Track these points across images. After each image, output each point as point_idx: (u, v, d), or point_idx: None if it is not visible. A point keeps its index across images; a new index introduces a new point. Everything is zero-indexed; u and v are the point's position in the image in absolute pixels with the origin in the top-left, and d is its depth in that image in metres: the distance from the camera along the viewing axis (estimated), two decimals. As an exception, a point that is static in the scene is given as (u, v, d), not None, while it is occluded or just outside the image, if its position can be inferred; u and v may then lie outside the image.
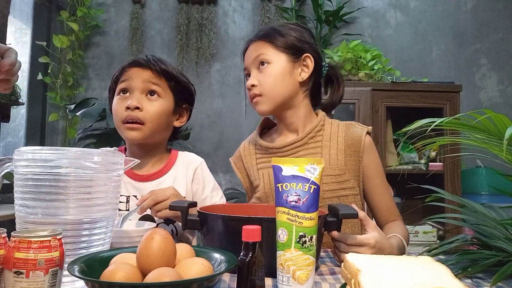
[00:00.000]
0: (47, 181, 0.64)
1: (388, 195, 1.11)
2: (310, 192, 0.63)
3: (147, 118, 1.07)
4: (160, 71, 1.10)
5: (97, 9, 2.82)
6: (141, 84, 1.09)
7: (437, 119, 0.69)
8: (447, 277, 0.54)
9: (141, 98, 1.08)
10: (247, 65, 1.11)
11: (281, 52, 1.07)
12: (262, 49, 1.08)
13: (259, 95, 1.07)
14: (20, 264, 0.52)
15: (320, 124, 1.11)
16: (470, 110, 0.71)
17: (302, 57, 1.09)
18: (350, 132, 1.10)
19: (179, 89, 1.15)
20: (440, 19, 2.86)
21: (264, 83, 1.06)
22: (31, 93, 2.68)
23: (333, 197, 1.05)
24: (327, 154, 1.08)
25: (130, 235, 0.84)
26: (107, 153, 0.70)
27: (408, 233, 1.05)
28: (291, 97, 1.09)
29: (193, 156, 1.25)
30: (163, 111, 1.10)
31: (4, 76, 0.81)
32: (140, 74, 1.09)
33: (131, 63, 1.12)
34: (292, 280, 0.61)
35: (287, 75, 1.07)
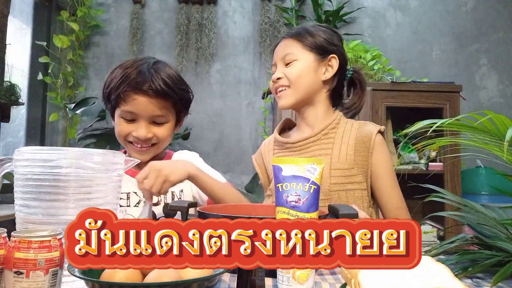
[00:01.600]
0: (47, 181, 0.64)
1: (397, 194, 1.11)
2: (310, 192, 0.63)
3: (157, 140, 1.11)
4: (166, 97, 1.07)
5: (97, 9, 2.83)
6: (148, 116, 1.08)
7: (438, 121, 0.69)
8: (447, 277, 0.54)
9: (149, 126, 1.09)
10: (276, 60, 1.17)
11: (309, 51, 1.13)
12: (291, 48, 1.14)
13: (285, 86, 1.13)
14: (20, 264, 0.52)
15: (334, 122, 1.15)
16: (470, 110, 0.71)
17: (328, 58, 1.15)
18: (362, 130, 1.13)
19: (181, 104, 1.15)
20: (440, 19, 2.86)
21: (289, 75, 1.12)
22: (31, 93, 2.68)
23: (340, 190, 1.08)
24: (337, 149, 1.11)
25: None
26: (107, 153, 0.70)
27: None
28: (313, 93, 1.15)
29: (186, 152, 1.28)
30: (169, 132, 1.13)
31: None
32: (147, 105, 1.06)
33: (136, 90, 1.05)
34: (292, 280, 0.61)
35: (311, 71, 1.13)
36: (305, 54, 1.13)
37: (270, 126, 2.72)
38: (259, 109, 2.80)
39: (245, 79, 2.85)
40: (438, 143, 0.80)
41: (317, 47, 1.14)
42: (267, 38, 2.82)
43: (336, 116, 1.17)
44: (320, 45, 1.14)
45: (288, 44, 1.15)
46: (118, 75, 1.08)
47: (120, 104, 1.08)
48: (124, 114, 1.08)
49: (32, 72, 2.66)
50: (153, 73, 1.06)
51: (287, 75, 1.13)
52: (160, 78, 1.06)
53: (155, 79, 1.05)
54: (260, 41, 2.84)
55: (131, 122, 1.09)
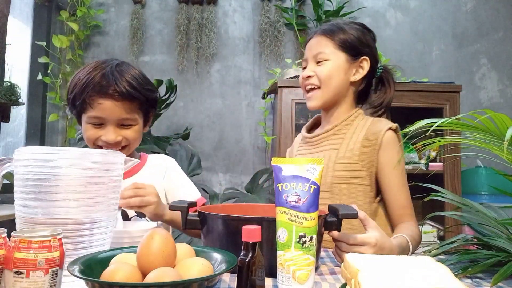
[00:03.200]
0: (47, 181, 0.64)
1: (404, 194, 1.10)
2: (310, 192, 0.63)
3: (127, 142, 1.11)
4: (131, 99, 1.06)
5: (97, 9, 2.83)
6: (115, 120, 1.06)
7: (438, 120, 0.69)
8: (447, 277, 0.54)
9: (117, 130, 1.08)
10: (307, 56, 1.18)
11: (341, 51, 1.14)
12: (323, 47, 1.14)
13: (316, 87, 1.15)
14: (20, 264, 0.52)
15: (350, 119, 1.17)
16: (470, 110, 0.71)
17: (360, 59, 1.15)
18: (373, 127, 1.13)
19: (148, 105, 1.14)
20: (440, 19, 2.86)
21: (320, 74, 1.14)
22: (31, 93, 2.68)
23: (342, 184, 1.09)
24: (345, 145, 1.13)
25: (131, 235, 0.84)
26: (107, 153, 0.70)
27: (420, 236, 1.03)
28: (341, 94, 1.17)
29: (163, 157, 1.30)
30: (138, 134, 1.13)
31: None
32: (113, 109, 1.04)
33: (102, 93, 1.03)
34: (292, 280, 0.61)
35: (342, 72, 1.14)
36: (337, 54, 1.14)
37: (270, 126, 2.72)
38: (259, 109, 2.80)
39: (245, 79, 2.85)
40: (438, 142, 0.80)
41: (349, 48, 1.14)
42: (267, 38, 2.82)
43: (353, 112, 1.17)
44: (353, 46, 1.14)
45: (321, 42, 1.15)
46: (81, 79, 1.05)
47: (86, 110, 1.06)
48: (91, 119, 1.06)
49: (32, 72, 2.66)
50: (117, 76, 1.04)
51: (318, 74, 1.14)
52: (125, 81, 1.04)
53: (120, 82, 1.03)
54: (260, 41, 2.84)
55: (99, 127, 1.07)
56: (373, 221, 0.85)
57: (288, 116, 2.26)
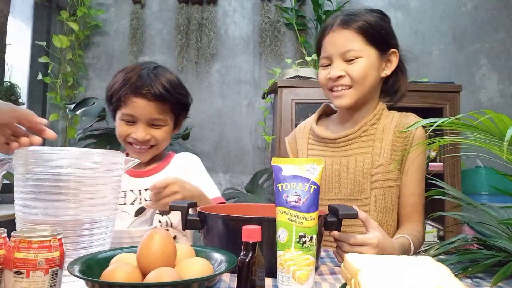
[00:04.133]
0: (47, 181, 0.64)
1: (419, 194, 1.06)
2: (310, 192, 0.63)
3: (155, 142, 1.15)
4: (164, 100, 1.11)
5: (97, 9, 2.83)
6: (147, 119, 1.12)
7: (438, 120, 0.69)
8: (447, 277, 0.54)
9: (147, 129, 1.13)
10: (331, 53, 1.06)
11: (371, 46, 1.05)
12: (352, 43, 1.03)
13: (347, 87, 1.05)
14: (20, 264, 0.52)
15: (375, 118, 1.10)
16: (470, 110, 0.71)
17: (389, 52, 1.08)
18: (402, 123, 1.08)
19: (179, 108, 1.18)
20: (440, 19, 2.86)
21: (354, 75, 1.03)
22: (31, 93, 2.68)
23: (380, 188, 1.04)
24: (378, 147, 1.07)
25: (131, 235, 0.84)
26: (107, 153, 0.70)
27: (423, 237, 1.02)
28: (372, 92, 1.09)
29: (187, 155, 1.30)
30: (167, 135, 1.17)
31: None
32: (145, 108, 1.10)
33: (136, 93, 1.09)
34: (292, 280, 0.61)
35: (375, 69, 1.06)
36: (369, 50, 1.04)
37: (270, 126, 2.72)
38: (259, 109, 2.79)
39: (245, 79, 2.85)
40: (438, 142, 0.80)
41: (380, 42, 1.05)
42: (267, 38, 2.82)
43: (378, 110, 1.11)
44: (383, 39, 1.06)
45: (349, 38, 1.03)
46: (119, 78, 1.13)
47: (121, 107, 1.12)
48: (124, 116, 1.12)
49: (32, 72, 2.66)
50: (153, 78, 1.11)
51: (351, 74, 1.03)
52: (159, 83, 1.10)
53: (154, 83, 1.10)
54: (260, 41, 2.84)
55: (131, 124, 1.13)
56: (374, 221, 0.84)
57: (288, 116, 2.26)
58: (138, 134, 1.11)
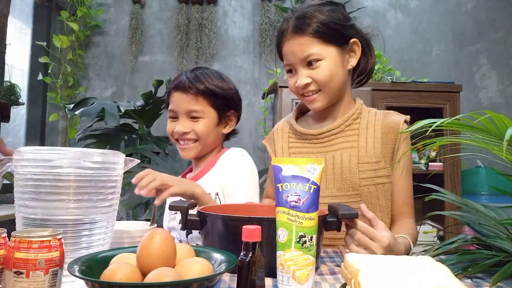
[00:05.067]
0: (47, 181, 0.64)
1: (408, 190, 1.08)
2: (310, 192, 0.63)
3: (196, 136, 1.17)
4: (197, 92, 1.15)
5: (97, 9, 2.83)
6: (184, 111, 1.16)
7: (437, 120, 0.69)
8: (447, 277, 0.54)
9: (186, 122, 1.17)
10: (292, 62, 1.05)
11: (330, 45, 1.02)
12: (310, 48, 1.01)
13: (316, 92, 1.05)
14: (20, 264, 0.52)
15: (357, 112, 1.10)
16: (470, 110, 0.71)
17: (349, 44, 1.05)
18: (388, 120, 1.08)
19: (219, 102, 1.18)
20: (440, 19, 2.86)
21: (319, 79, 1.03)
22: (31, 93, 2.68)
23: (370, 185, 1.04)
24: (363, 142, 1.06)
25: (131, 235, 0.84)
26: (107, 153, 0.70)
27: (417, 234, 1.02)
28: (343, 87, 1.09)
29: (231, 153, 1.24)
30: (208, 129, 1.17)
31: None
32: (181, 100, 1.16)
33: (174, 87, 1.18)
34: (292, 280, 0.61)
35: (339, 67, 1.04)
36: (329, 49, 1.02)
37: (270, 126, 2.72)
38: (259, 109, 2.79)
39: (245, 79, 2.85)
40: (438, 142, 0.80)
41: (337, 38, 1.03)
42: (267, 38, 2.82)
43: (358, 105, 1.12)
44: (340, 34, 1.03)
45: (305, 43, 1.02)
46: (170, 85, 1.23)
47: (169, 104, 1.21)
48: (169, 113, 1.21)
49: (32, 72, 2.66)
50: (189, 73, 1.18)
51: (316, 78, 1.03)
52: (192, 76, 1.16)
53: (188, 76, 1.17)
54: (260, 41, 2.84)
55: (175, 120, 1.19)
56: (382, 222, 0.82)
57: (289, 109, 2.26)
58: (178, 127, 1.16)
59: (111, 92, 2.83)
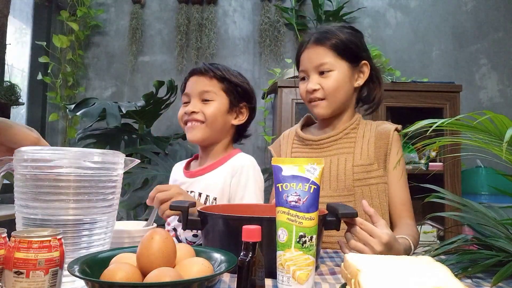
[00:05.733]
0: (47, 181, 0.64)
1: (405, 192, 1.13)
2: (310, 192, 0.63)
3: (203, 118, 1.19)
4: (212, 76, 1.21)
5: (97, 9, 2.83)
6: (197, 92, 1.21)
7: (438, 120, 0.69)
8: (447, 277, 0.54)
9: (197, 103, 1.20)
10: (307, 68, 1.16)
11: (343, 59, 1.13)
12: (325, 58, 1.13)
13: (321, 99, 1.14)
14: (20, 264, 0.52)
15: (355, 123, 1.19)
16: (470, 110, 0.71)
17: (360, 64, 1.16)
18: (381, 128, 1.17)
19: (232, 89, 1.23)
20: (440, 19, 2.86)
21: (327, 88, 1.13)
22: (31, 93, 2.68)
23: (363, 186, 1.11)
24: (359, 148, 1.15)
25: (131, 235, 0.84)
26: (107, 153, 0.70)
27: (419, 236, 1.04)
28: (347, 102, 1.18)
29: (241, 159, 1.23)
30: (217, 111, 1.20)
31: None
32: (196, 82, 1.22)
33: (191, 72, 1.26)
34: (292, 280, 0.61)
35: (348, 81, 1.15)
36: (341, 63, 1.13)
37: (270, 126, 2.72)
38: (259, 109, 2.79)
39: (245, 79, 2.85)
40: (438, 143, 0.80)
41: (350, 55, 1.14)
42: (267, 38, 2.82)
43: (356, 117, 1.20)
44: (353, 52, 1.14)
45: (321, 53, 1.13)
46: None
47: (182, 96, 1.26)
48: (183, 98, 1.25)
49: (32, 72, 2.66)
50: (208, 64, 1.25)
51: (324, 87, 1.13)
52: (212, 66, 1.23)
53: (206, 65, 1.23)
54: (260, 41, 2.84)
55: (187, 105, 1.22)
56: (382, 219, 0.83)
57: (288, 116, 2.26)
58: (189, 107, 1.20)
59: (111, 92, 2.83)
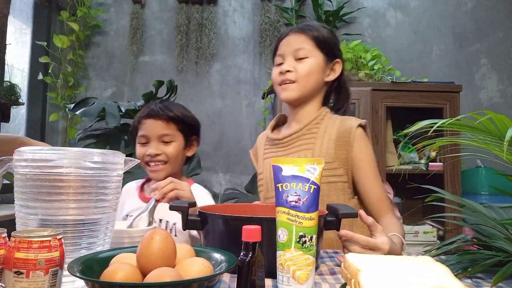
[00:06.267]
0: (47, 181, 0.64)
1: (379, 187, 1.13)
2: (310, 192, 0.63)
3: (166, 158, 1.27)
4: (169, 119, 1.28)
5: (97, 9, 2.83)
6: (156, 136, 1.28)
7: (438, 120, 0.69)
8: (447, 277, 0.54)
9: (158, 145, 1.28)
10: (285, 52, 1.19)
11: (320, 51, 1.17)
12: (304, 44, 1.17)
13: (292, 81, 1.16)
14: (20, 264, 0.52)
15: (319, 118, 1.19)
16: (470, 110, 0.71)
17: (333, 62, 1.20)
18: (343, 124, 1.16)
19: (186, 128, 1.32)
20: (440, 19, 2.86)
21: (300, 71, 1.15)
22: (31, 93, 2.68)
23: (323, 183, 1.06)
24: (319, 144, 1.14)
25: (131, 235, 0.84)
26: (107, 153, 0.70)
27: (403, 228, 1.06)
28: (314, 92, 1.19)
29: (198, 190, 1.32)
30: (178, 151, 1.30)
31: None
32: (154, 125, 1.28)
33: (146, 115, 1.30)
34: (292, 280, 0.61)
35: (320, 71, 1.18)
36: (317, 53, 1.17)
37: (270, 126, 2.72)
38: (259, 109, 2.80)
39: (245, 79, 2.85)
40: (438, 143, 0.80)
41: (327, 49, 1.18)
42: (267, 38, 2.82)
43: (321, 112, 1.20)
44: (330, 47, 1.19)
45: (301, 40, 1.17)
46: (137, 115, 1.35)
47: (138, 131, 1.32)
48: (140, 139, 1.31)
49: (32, 72, 2.66)
50: (158, 104, 1.32)
51: (298, 70, 1.15)
52: (163, 106, 1.30)
53: (159, 106, 1.30)
54: (260, 41, 2.84)
55: (145, 145, 1.29)
56: (380, 226, 0.85)
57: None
58: (151, 149, 1.27)
59: (111, 92, 2.83)
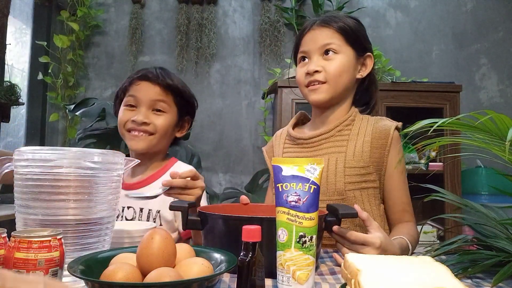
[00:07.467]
0: (47, 181, 0.64)
1: (406, 195, 1.07)
2: (310, 192, 0.63)
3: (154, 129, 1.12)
4: (167, 86, 1.13)
5: (97, 9, 2.83)
6: (149, 101, 1.12)
7: (438, 120, 0.69)
8: (447, 277, 0.54)
9: (148, 113, 1.12)
10: (310, 49, 1.08)
11: (350, 46, 1.07)
12: (332, 39, 1.06)
13: (322, 82, 1.06)
14: (20, 264, 0.52)
15: (350, 119, 1.10)
16: (470, 110, 0.71)
17: (364, 56, 1.10)
18: (379, 125, 1.08)
19: (183, 103, 1.18)
20: (440, 19, 2.86)
21: (330, 70, 1.05)
22: (31, 93, 2.68)
23: (355, 189, 1.02)
24: (352, 147, 1.05)
25: (131, 235, 0.84)
26: (107, 153, 0.70)
27: (418, 236, 1.02)
28: (346, 92, 1.10)
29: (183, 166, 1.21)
30: (168, 126, 1.14)
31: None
32: (148, 90, 1.12)
33: (141, 76, 1.13)
34: (292, 280, 0.61)
35: (351, 69, 1.07)
36: (347, 48, 1.06)
37: (270, 126, 2.72)
38: (259, 109, 2.79)
39: (245, 79, 2.85)
40: (438, 143, 0.80)
41: (357, 43, 1.07)
42: (267, 38, 2.82)
43: (351, 112, 1.11)
44: (360, 41, 1.08)
45: (328, 35, 1.06)
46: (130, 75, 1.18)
47: (126, 93, 1.14)
48: (128, 100, 1.13)
49: (32, 72, 2.66)
50: (158, 70, 1.15)
51: (328, 69, 1.05)
52: (164, 73, 1.15)
53: (160, 71, 1.14)
54: (260, 41, 2.84)
55: (132, 109, 1.13)
56: (375, 222, 0.83)
57: (288, 116, 2.26)
58: (139, 116, 1.10)
59: (111, 92, 2.82)
